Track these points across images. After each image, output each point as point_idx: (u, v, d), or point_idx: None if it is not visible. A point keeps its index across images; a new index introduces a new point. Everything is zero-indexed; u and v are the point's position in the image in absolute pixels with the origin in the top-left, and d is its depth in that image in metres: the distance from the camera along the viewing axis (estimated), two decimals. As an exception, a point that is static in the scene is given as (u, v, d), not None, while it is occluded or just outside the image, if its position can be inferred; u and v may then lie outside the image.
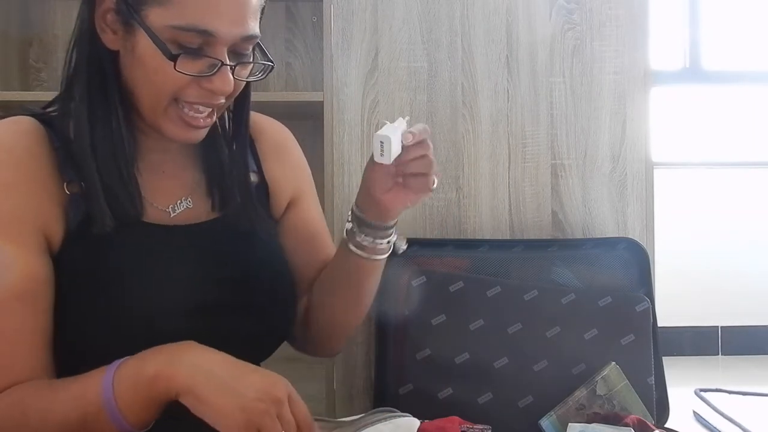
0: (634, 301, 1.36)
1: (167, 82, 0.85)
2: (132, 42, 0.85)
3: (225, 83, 0.86)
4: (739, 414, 1.78)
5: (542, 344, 1.31)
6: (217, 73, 0.85)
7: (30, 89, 1.96)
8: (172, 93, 0.86)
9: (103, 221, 0.86)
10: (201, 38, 0.84)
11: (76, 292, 0.86)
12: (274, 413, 0.75)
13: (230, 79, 0.86)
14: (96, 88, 0.88)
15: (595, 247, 1.47)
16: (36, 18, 1.96)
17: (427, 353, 1.31)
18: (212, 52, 0.85)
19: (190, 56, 0.84)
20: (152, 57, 0.84)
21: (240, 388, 0.76)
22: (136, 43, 0.85)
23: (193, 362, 0.78)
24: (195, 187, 0.99)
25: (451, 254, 1.45)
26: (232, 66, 0.86)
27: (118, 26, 0.86)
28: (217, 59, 0.85)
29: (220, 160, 0.99)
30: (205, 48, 0.85)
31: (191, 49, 0.84)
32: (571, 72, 1.61)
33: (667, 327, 2.47)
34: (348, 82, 1.59)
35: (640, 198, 1.61)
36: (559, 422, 1.23)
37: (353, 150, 1.59)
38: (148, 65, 0.85)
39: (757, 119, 3.12)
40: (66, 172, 0.88)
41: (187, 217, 0.96)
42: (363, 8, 1.59)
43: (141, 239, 0.91)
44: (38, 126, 0.90)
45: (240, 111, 0.99)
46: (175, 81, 0.85)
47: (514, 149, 1.60)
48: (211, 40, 0.84)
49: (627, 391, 1.25)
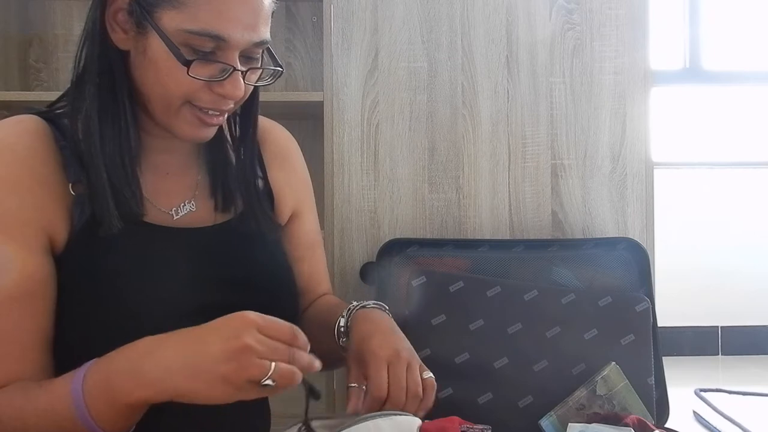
0: (634, 301, 1.36)
1: (179, 85, 0.85)
2: (144, 43, 0.85)
3: (236, 88, 0.86)
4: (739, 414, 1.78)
5: (542, 344, 1.31)
6: (228, 78, 0.85)
7: (30, 89, 1.96)
8: (184, 96, 0.86)
9: (110, 222, 0.85)
10: (213, 43, 0.84)
11: (78, 292, 0.86)
12: (252, 359, 0.72)
13: (241, 84, 0.86)
14: (106, 87, 0.87)
15: (595, 247, 1.47)
16: (36, 18, 1.96)
17: (427, 353, 1.31)
18: (224, 57, 0.85)
19: (203, 61, 0.84)
20: (164, 60, 0.83)
21: (206, 363, 0.73)
22: (148, 44, 0.84)
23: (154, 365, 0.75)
24: (198, 189, 0.98)
25: (451, 254, 1.45)
26: (243, 71, 0.86)
27: (130, 26, 0.86)
28: (229, 64, 0.85)
29: (225, 162, 0.99)
30: (217, 53, 0.85)
31: (203, 54, 0.84)
32: (571, 72, 1.61)
33: (667, 327, 2.47)
34: (348, 82, 1.59)
35: (640, 198, 1.61)
36: (559, 422, 1.23)
37: (353, 150, 1.59)
38: (160, 68, 0.84)
39: (757, 119, 3.12)
40: (71, 172, 0.87)
41: (191, 220, 0.96)
42: (363, 8, 1.59)
43: (144, 241, 0.90)
44: (43, 125, 0.89)
45: (248, 114, 0.99)
46: (186, 85, 0.84)
47: (514, 149, 1.60)
48: (223, 45, 0.84)
49: (627, 391, 1.25)
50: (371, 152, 1.59)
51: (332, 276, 1.56)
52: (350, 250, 1.58)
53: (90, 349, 0.84)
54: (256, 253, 0.99)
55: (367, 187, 1.59)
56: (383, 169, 1.59)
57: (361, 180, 1.59)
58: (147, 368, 0.75)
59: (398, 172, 1.59)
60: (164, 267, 0.90)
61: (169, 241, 0.92)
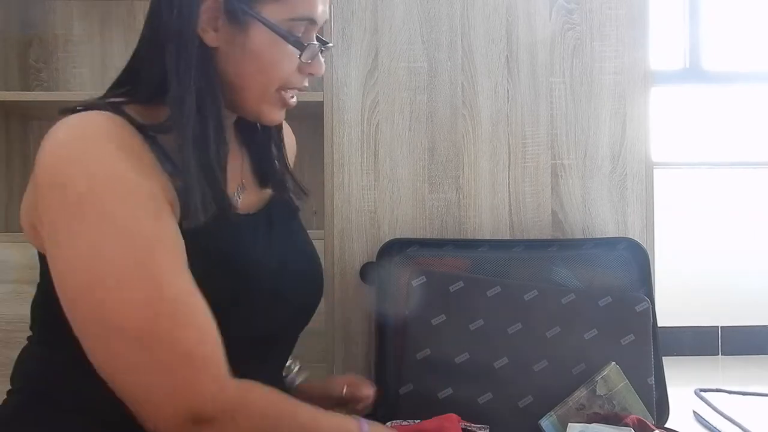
0: (634, 301, 1.36)
1: (282, 71, 0.90)
2: (242, 38, 0.87)
3: (322, 66, 0.94)
4: (739, 414, 1.78)
5: (542, 344, 1.31)
6: (317, 58, 0.92)
7: (30, 89, 1.96)
8: (283, 81, 0.91)
9: (205, 214, 0.84)
10: (304, 26, 0.90)
11: None
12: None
13: (323, 61, 0.94)
14: (205, 85, 0.88)
15: (595, 247, 1.47)
16: (36, 18, 1.96)
17: (427, 353, 1.31)
18: (310, 38, 0.91)
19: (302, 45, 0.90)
20: (270, 49, 0.88)
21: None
22: (248, 38, 0.87)
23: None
24: (245, 174, 1.02)
25: (451, 254, 1.45)
26: (323, 49, 0.93)
27: (222, 23, 0.88)
28: (321, 42, 0.92)
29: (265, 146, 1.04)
30: (305, 36, 0.91)
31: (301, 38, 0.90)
32: (571, 72, 1.61)
33: (667, 327, 2.47)
34: (348, 82, 1.59)
35: (640, 198, 1.61)
36: (559, 422, 1.23)
37: (353, 150, 1.59)
38: (264, 58, 0.88)
39: (757, 119, 3.12)
40: (166, 166, 0.86)
41: (247, 204, 0.99)
42: (363, 8, 1.59)
43: (231, 229, 0.91)
44: (124, 120, 0.86)
45: None
46: (287, 70, 0.90)
47: (514, 149, 1.60)
48: (311, 27, 0.91)
49: (627, 391, 1.25)
50: (371, 152, 1.59)
51: (332, 276, 1.56)
52: (350, 250, 1.58)
53: None
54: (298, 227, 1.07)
55: (367, 187, 1.59)
56: (383, 169, 1.59)
57: (361, 180, 1.59)
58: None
59: (398, 172, 1.59)
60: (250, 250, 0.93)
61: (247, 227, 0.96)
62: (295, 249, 1.04)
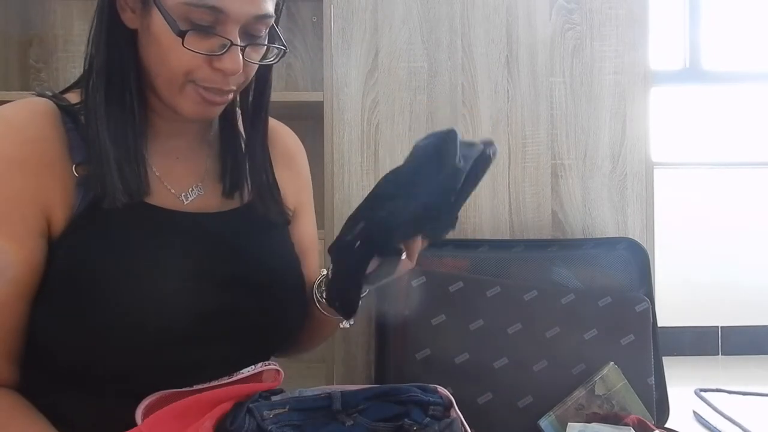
0: (634, 301, 1.36)
1: (180, 61, 0.84)
2: (148, 20, 0.85)
3: (234, 63, 0.84)
4: (739, 414, 1.78)
5: (542, 344, 1.31)
6: (226, 53, 0.84)
7: (30, 89, 1.96)
8: (185, 72, 0.86)
9: (114, 196, 0.85)
10: (212, 16, 0.83)
11: (76, 279, 0.85)
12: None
13: (239, 59, 0.85)
14: (114, 65, 0.87)
15: (595, 247, 1.47)
16: (36, 18, 1.96)
17: (427, 353, 1.31)
18: (223, 31, 0.84)
19: (201, 34, 0.83)
20: (164, 35, 0.83)
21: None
22: (151, 21, 0.84)
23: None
24: (207, 174, 0.98)
25: (451, 254, 1.45)
26: (242, 46, 0.85)
27: (137, 4, 0.86)
28: (227, 38, 0.84)
29: (235, 149, 0.99)
30: (216, 27, 0.84)
31: (202, 27, 0.83)
32: (571, 72, 1.61)
33: (667, 327, 2.47)
34: (348, 82, 1.59)
35: (640, 198, 1.60)
36: (558, 422, 1.23)
37: (353, 150, 1.59)
38: (162, 43, 0.84)
39: (757, 119, 3.12)
40: (76, 154, 0.87)
41: (200, 205, 0.95)
42: (363, 8, 1.59)
43: (151, 223, 0.90)
44: (52, 106, 0.89)
45: (260, 98, 0.99)
46: (186, 60, 0.84)
47: (514, 149, 1.60)
48: (222, 18, 0.83)
49: (626, 391, 1.25)
50: (371, 152, 1.59)
51: (332, 276, 1.56)
52: (350, 250, 1.58)
53: (81, 344, 0.83)
54: (267, 240, 0.99)
55: (367, 187, 1.59)
56: (383, 169, 1.58)
57: (361, 180, 1.59)
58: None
59: (398, 172, 1.59)
60: (172, 249, 0.89)
61: (176, 225, 0.91)
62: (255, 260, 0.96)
